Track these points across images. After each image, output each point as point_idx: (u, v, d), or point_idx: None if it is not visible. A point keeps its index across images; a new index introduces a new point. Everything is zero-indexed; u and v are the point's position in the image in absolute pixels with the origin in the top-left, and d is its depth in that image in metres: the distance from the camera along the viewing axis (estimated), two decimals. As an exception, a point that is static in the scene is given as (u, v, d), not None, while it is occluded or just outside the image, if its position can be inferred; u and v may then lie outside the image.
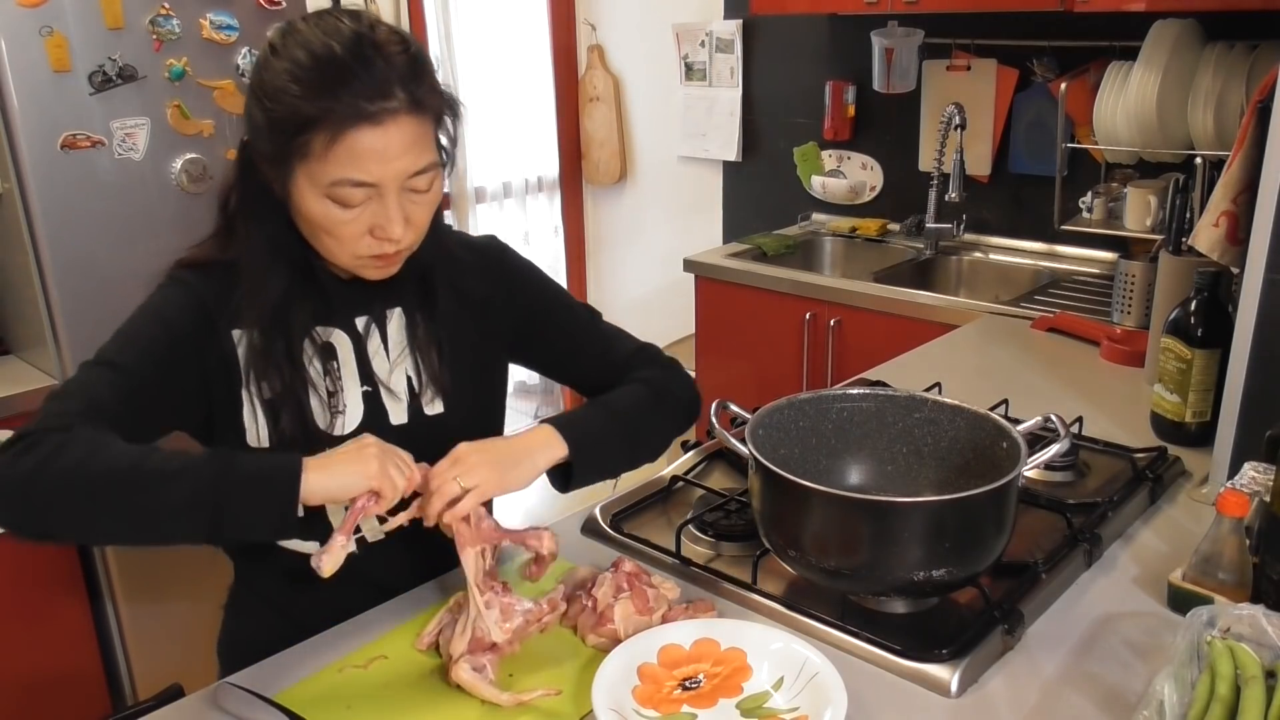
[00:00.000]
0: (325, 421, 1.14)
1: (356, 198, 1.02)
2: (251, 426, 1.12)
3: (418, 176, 1.05)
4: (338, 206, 1.03)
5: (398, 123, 1.01)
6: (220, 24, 2.16)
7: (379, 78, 0.99)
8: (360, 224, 1.04)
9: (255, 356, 1.10)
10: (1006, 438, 1.12)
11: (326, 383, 1.14)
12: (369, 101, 0.99)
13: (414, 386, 1.19)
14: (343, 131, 0.98)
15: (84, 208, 2.04)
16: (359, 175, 1.01)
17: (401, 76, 1.01)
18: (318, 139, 0.99)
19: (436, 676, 1.04)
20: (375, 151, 1.00)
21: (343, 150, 0.99)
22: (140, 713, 1.06)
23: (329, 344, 1.15)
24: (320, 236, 1.07)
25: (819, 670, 0.98)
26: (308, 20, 1.04)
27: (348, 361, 1.16)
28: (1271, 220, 1.25)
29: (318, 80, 0.99)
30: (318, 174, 1.01)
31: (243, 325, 1.10)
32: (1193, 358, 1.48)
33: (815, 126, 3.18)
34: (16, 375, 2.11)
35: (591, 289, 4.03)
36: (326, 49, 1.00)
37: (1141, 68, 2.29)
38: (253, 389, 1.11)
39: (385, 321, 1.18)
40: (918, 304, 2.47)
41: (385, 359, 1.18)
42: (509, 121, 3.63)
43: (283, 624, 1.15)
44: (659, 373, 1.31)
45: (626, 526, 1.32)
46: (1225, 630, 0.94)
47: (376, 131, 0.99)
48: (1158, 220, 2.36)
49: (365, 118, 0.99)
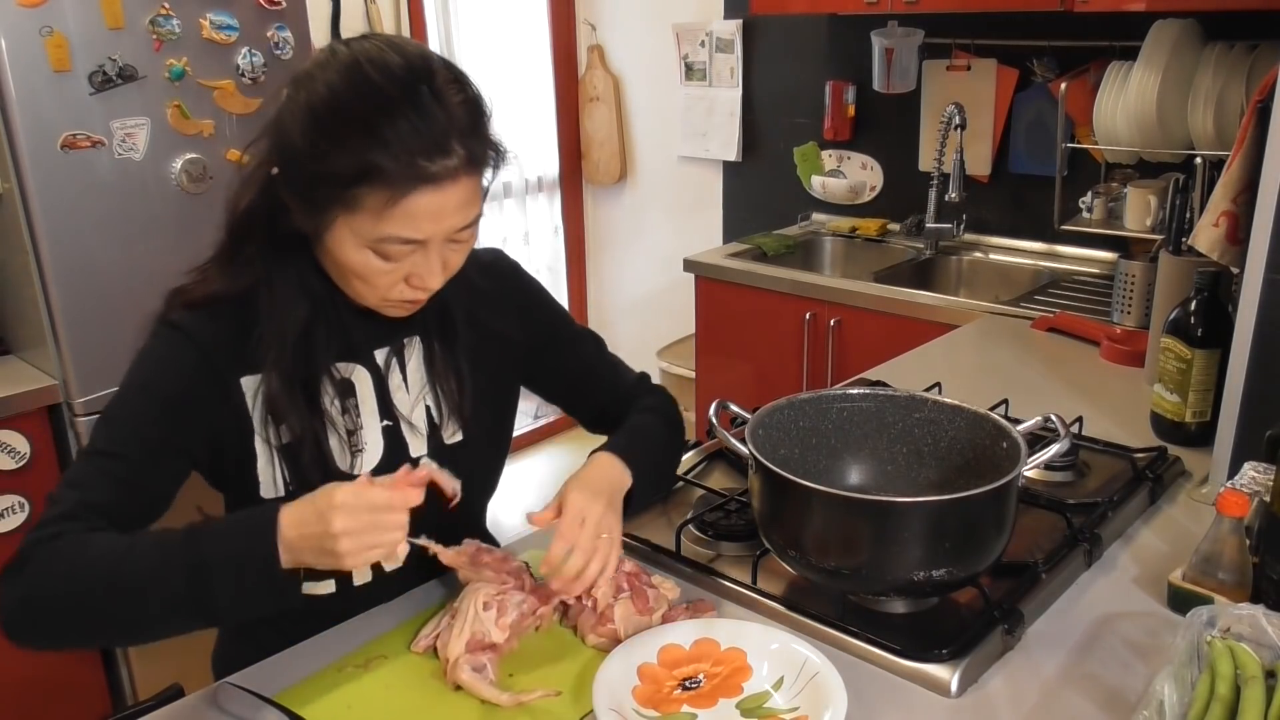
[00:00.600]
0: (345, 462, 1.11)
1: (402, 253, 0.99)
2: (267, 476, 1.08)
3: (465, 230, 1.02)
4: (379, 259, 0.99)
5: (455, 182, 0.96)
6: (220, 24, 2.16)
7: (439, 130, 0.93)
8: (398, 274, 1.01)
9: (272, 401, 1.05)
10: (1006, 438, 1.12)
11: (346, 421, 1.10)
12: (429, 160, 0.93)
13: (434, 418, 1.17)
14: (402, 195, 0.93)
15: (84, 208, 2.04)
16: (411, 234, 0.97)
17: (461, 130, 0.96)
18: (373, 196, 0.93)
19: (437, 676, 1.04)
20: (431, 213, 0.96)
21: (399, 211, 0.94)
22: (140, 713, 1.05)
23: (348, 380, 1.11)
24: (350, 280, 1.03)
25: (819, 670, 0.99)
26: (353, 45, 0.97)
27: (367, 398, 1.12)
28: (1271, 220, 1.25)
29: (370, 127, 0.92)
30: (364, 229, 0.96)
31: (258, 368, 1.05)
32: (1193, 358, 1.48)
33: (815, 126, 3.18)
34: (16, 375, 2.11)
35: (591, 289, 4.03)
36: (378, 88, 0.92)
37: (1141, 68, 2.29)
38: (269, 436, 1.07)
39: (404, 353, 1.15)
40: (918, 304, 2.47)
41: (406, 393, 1.15)
42: (509, 121, 3.63)
43: (279, 638, 1.12)
44: (660, 402, 1.32)
45: (626, 527, 1.32)
46: (1225, 630, 0.94)
47: (434, 193, 0.95)
48: (1158, 220, 2.36)
49: (425, 179, 0.94)
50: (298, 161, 0.96)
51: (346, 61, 0.95)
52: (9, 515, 2.05)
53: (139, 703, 1.12)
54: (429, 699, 1.01)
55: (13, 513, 2.05)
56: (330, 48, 0.99)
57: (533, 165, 3.77)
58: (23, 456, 2.05)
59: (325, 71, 0.95)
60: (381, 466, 1.12)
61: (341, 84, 0.94)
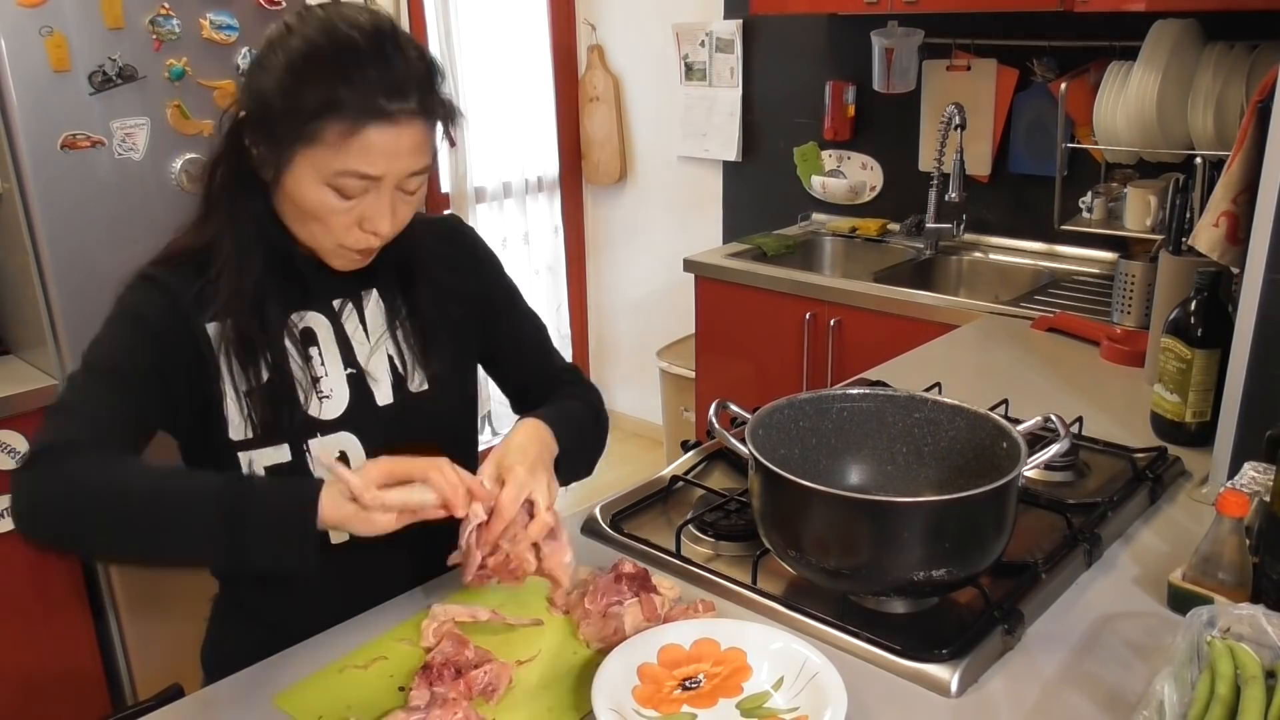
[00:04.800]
0: (314, 408, 1.15)
1: (356, 190, 1.04)
2: (235, 418, 1.12)
3: (413, 177, 1.07)
4: (336, 195, 1.04)
5: (410, 124, 1.03)
6: (220, 24, 2.16)
7: (399, 77, 1.02)
8: (352, 215, 1.07)
9: (233, 345, 1.10)
10: (1006, 438, 1.12)
11: (310, 368, 1.15)
12: (388, 100, 1.01)
13: (397, 367, 1.20)
14: (361, 125, 1.00)
15: (84, 208, 2.04)
16: (367, 168, 1.03)
17: (419, 80, 1.04)
18: (333, 128, 1.00)
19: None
20: (386, 148, 1.02)
21: (357, 143, 1.01)
22: (140, 713, 1.06)
23: (308, 329, 1.16)
24: (308, 222, 1.08)
25: (819, 670, 0.98)
26: (326, 7, 1.06)
27: (329, 344, 1.17)
28: (1271, 220, 1.25)
29: (338, 67, 1.00)
30: (324, 161, 1.02)
31: (217, 315, 1.10)
32: (1193, 358, 1.48)
33: (815, 126, 3.18)
34: (16, 375, 2.11)
35: (591, 289, 4.03)
36: (349, 38, 1.02)
37: (1141, 68, 2.29)
38: (235, 379, 1.11)
39: (362, 303, 1.20)
40: (918, 304, 2.47)
41: (366, 340, 1.19)
42: (509, 121, 3.62)
43: (268, 634, 1.13)
44: (587, 394, 1.33)
45: (626, 526, 1.32)
46: (1225, 630, 0.94)
47: (391, 130, 1.02)
48: (1158, 220, 2.36)
49: (383, 115, 1.01)
50: (266, 100, 1.03)
51: (321, 18, 1.04)
52: (9, 515, 2.04)
53: (139, 703, 1.12)
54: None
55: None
56: (305, 8, 1.08)
57: (533, 165, 3.76)
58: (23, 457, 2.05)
59: (303, 25, 1.04)
60: (348, 414, 1.16)
61: (316, 34, 1.03)
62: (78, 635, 2.20)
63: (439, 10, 3.31)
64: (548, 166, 3.82)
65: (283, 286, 1.13)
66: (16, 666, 2.10)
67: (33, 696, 2.14)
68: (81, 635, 2.21)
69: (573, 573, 1.12)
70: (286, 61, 1.02)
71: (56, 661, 2.17)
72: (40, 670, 2.14)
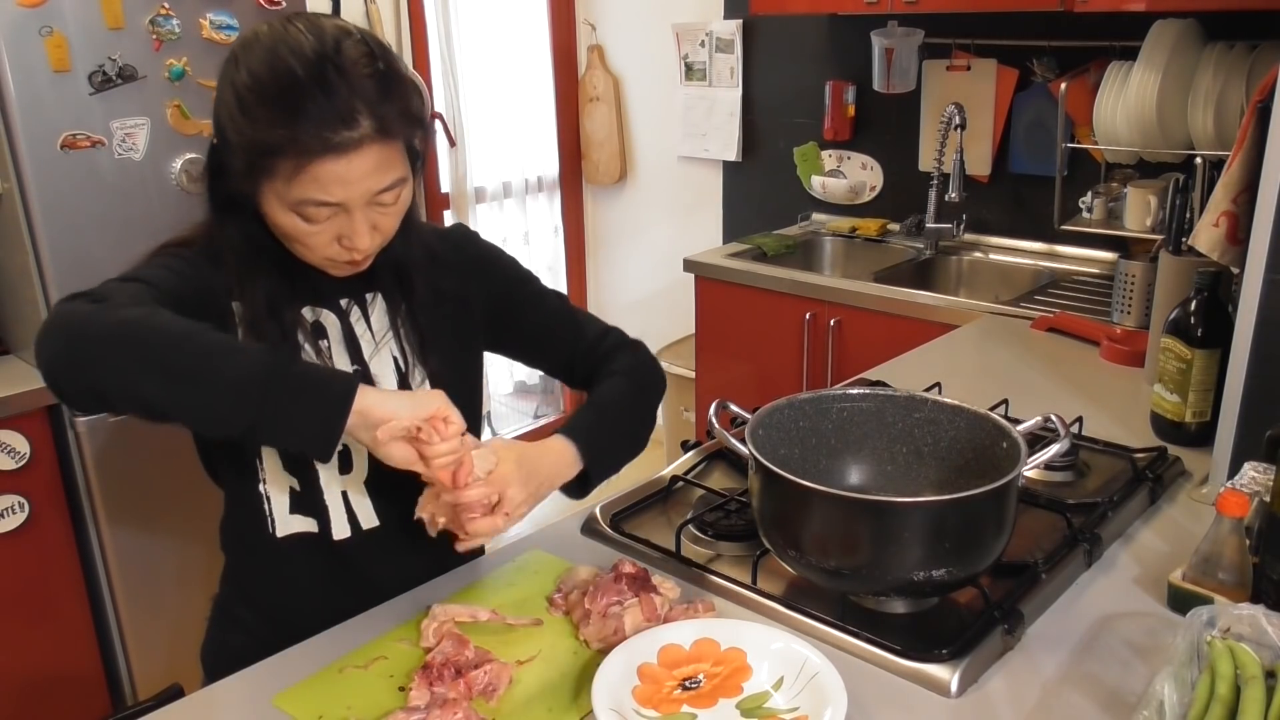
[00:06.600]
0: None
1: (322, 215, 1.03)
2: None
3: (384, 193, 1.05)
4: (304, 221, 1.04)
5: (361, 151, 1.00)
6: (220, 24, 2.16)
7: (341, 106, 0.98)
8: (327, 234, 1.05)
9: (250, 328, 1.10)
10: (1006, 438, 1.12)
11: (320, 361, 1.14)
12: (332, 131, 0.97)
13: (400, 367, 1.20)
14: (307, 162, 0.98)
15: (84, 208, 2.04)
16: (324, 196, 1.01)
17: (368, 100, 0.99)
18: (282, 165, 0.99)
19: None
20: (340, 176, 1.00)
21: (307, 178, 0.99)
22: (140, 713, 1.06)
23: (319, 324, 1.16)
24: (290, 241, 1.08)
25: (819, 670, 0.98)
26: (272, 31, 1.03)
27: (337, 341, 1.17)
28: (1271, 220, 1.25)
29: (278, 107, 0.97)
30: (283, 193, 1.01)
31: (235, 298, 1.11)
32: (1193, 358, 1.48)
33: (815, 126, 3.18)
34: (16, 375, 2.11)
35: (591, 289, 4.03)
36: (288, 73, 0.98)
37: (1141, 68, 2.29)
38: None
39: (367, 304, 1.20)
40: (918, 304, 2.47)
41: (372, 340, 1.19)
42: (509, 121, 3.62)
43: (269, 634, 1.14)
44: (632, 359, 1.33)
45: (626, 526, 1.32)
46: (1225, 630, 0.94)
47: (340, 161, 0.99)
48: (1158, 220, 2.36)
49: (329, 149, 0.98)
50: (223, 133, 1.04)
51: (266, 46, 1.01)
52: (9, 515, 2.05)
53: (139, 703, 1.12)
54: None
55: (13, 513, 2.05)
56: (254, 30, 1.05)
57: (533, 165, 3.76)
58: (23, 456, 2.05)
59: (247, 55, 1.02)
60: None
61: (259, 67, 1.00)
62: (78, 635, 2.20)
63: (439, 11, 3.31)
64: (548, 166, 3.82)
65: (295, 284, 1.14)
66: (16, 666, 2.10)
67: (33, 696, 2.14)
68: (81, 635, 2.21)
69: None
70: (234, 98, 1.01)
71: (56, 661, 2.17)
72: (40, 670, 2.14)
